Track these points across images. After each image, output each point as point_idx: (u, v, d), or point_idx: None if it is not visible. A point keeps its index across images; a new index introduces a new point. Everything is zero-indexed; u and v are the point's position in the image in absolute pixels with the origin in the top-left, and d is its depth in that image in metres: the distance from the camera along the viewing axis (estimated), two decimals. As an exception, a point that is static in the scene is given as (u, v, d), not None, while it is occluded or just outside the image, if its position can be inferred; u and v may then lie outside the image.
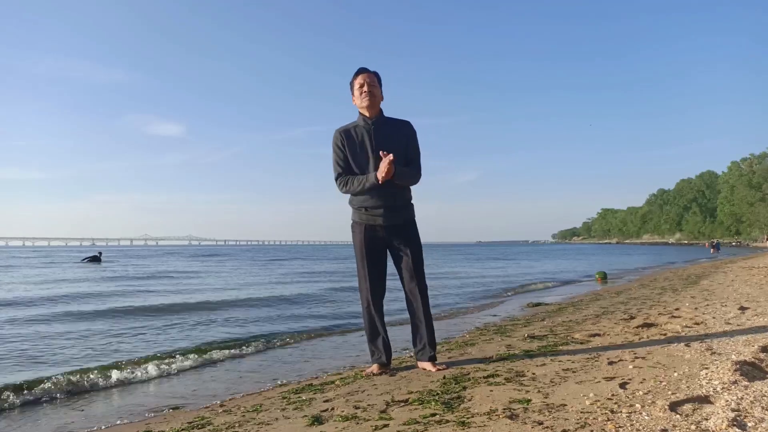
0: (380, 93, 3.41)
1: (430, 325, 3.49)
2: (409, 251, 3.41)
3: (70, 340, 6.18)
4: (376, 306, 3.49)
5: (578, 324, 5.27)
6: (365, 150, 3.35)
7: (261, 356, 5.27)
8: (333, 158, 3.44)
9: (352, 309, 8.50)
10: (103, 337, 6.32)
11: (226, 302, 9.91)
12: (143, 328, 7.03)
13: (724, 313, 5.03)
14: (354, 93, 3.39)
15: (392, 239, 3.42)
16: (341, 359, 4.77)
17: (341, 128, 3.45)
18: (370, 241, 3.42)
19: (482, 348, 4.25)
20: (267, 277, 18.97)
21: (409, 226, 3.47)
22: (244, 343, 5.68)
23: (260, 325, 7.14)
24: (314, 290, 12.61)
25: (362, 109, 3.38)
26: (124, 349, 5.64)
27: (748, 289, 7.38)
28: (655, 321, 4.91)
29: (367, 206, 3.38)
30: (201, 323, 7.37)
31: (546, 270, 20.89)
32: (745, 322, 4.33)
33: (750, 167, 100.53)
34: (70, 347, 5.75)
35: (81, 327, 7.11)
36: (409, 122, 3.49)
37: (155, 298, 11.03)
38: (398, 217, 3.41)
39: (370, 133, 3.35)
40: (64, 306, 9.66)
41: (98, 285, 15.15)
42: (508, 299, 10.09)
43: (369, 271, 3.44)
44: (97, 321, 7.72)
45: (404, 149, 3.37)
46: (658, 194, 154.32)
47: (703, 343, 3.53)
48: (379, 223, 3.39)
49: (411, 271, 3.42)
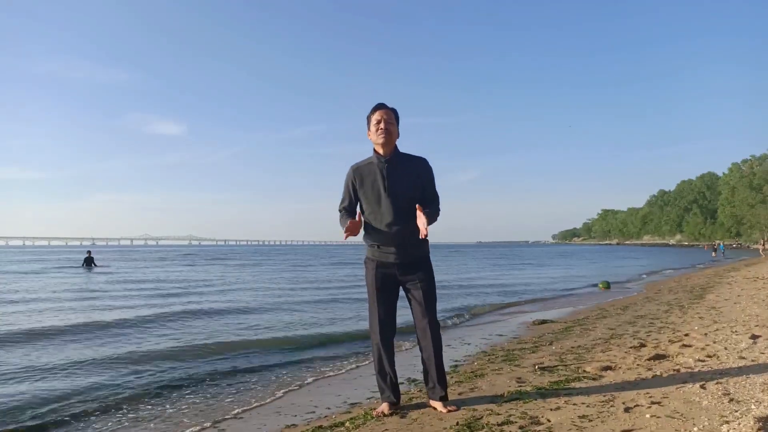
0: (396, 130, 3.38)
1: (440, 364, 3.44)
2: (421, 288, 3.38)
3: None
4: (384, 343, 3.45)
5: (588, 351, 5.21)
6: (377, 189, 3.34)
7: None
8: (342, 192, 3.51)
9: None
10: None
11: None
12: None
13: (735, 342, 4.97)
14: (370, 128, 3.38)
15: (405, 276, 3.39)
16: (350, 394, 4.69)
17: (355, 165, 3.46)
18: (382, 277, 3.41)
19: (492, 381, 4.19)
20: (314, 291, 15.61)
21: (421, 263, 3.43)
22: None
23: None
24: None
25: (377, 145, 3.37)
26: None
27: (756, 309, 7.32)
28: (666, 351, 4.85)
29: (379, 243, 3.38)
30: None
31: (551, 276, 20.83)
32: (759, 357, 4.27)
33: (751, 169, 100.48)
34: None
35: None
36: (425, 159, 3.46)
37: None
38: (411, 255, 3.38)
39: (383, 172, 3.33)
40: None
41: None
42: (513, 313, 10.02)
43: (379, 308, 3.43)
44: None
45: (417, 187, 3.34)
46: (658, 195, 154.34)
47: (719, 385, 3.47)
48: (391, 261, 3.37)
49: (422, 308, 3.38)
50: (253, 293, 14.63)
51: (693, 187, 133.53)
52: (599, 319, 7.91)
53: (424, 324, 3.39)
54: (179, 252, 76.82)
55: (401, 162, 3.38)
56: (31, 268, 29.85)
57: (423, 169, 3.40)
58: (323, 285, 17.71)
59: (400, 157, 3.40)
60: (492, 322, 8.74)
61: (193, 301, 12.44)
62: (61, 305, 11.54)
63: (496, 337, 7.02)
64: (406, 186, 3.30)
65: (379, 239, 3.38)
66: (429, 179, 3.40)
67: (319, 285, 17.79)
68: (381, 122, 3.31)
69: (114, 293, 14.66)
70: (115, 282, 18.96)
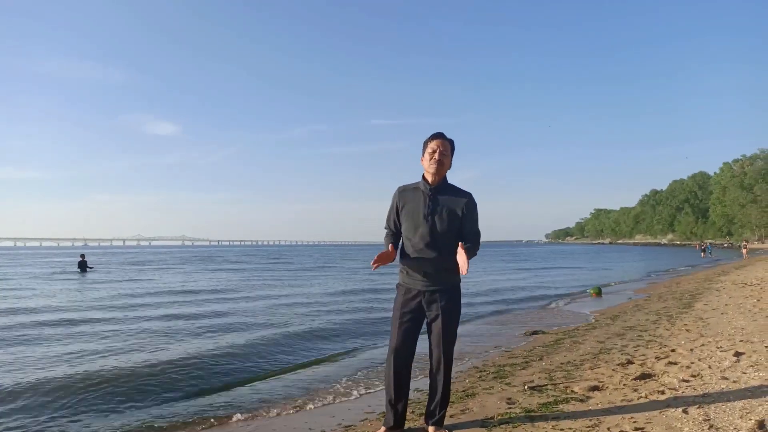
0: (449, 162, 3.47)
1: (446, 394, 3.49)
2: (441, 320, 3.39)
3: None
4: (396, 370, 3.44)
5: (577, 368, 5.34)
6: (417, 215, 3.42)
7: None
8: (388, 210, 3.62)
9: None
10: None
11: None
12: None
13: (719, 360, 5.11)
14: (425, 155, 3.45)
15: (430, 305, 3.41)
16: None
17: (402, 187, 3.58)
18: (407, 303, 3.45)
19: (483, 402, 4.30)
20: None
21: (447, 293, 3.42)
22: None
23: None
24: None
25: (427, 173, 3.45)
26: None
27: (742, 321, 7.48)
28: (652, 369, 4.98)
29: (409, 269, 3.46)
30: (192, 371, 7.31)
31: (543, 283, 20.98)
32: (740, 377, 4.41)
33: (742, 168, 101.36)
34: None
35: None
36: (470, 195, 3.50)
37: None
38: (438, 283, 3.40)
39: (426, 200, 3.42)
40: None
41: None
42: (504, 323, 10.15)
43: (398, 336, 3.44)
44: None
45: (456, 220, 3.39)
46: (650, 195, 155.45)
47: (701, 409, 3.60)
48: (418, 288, 3.42)
49: (438, 339, 3.40)
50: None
51: (685, 186, 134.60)
52: (589, 331, 8.06)
53: (438, 354, 3.42)
54: (194, 254, 76.21)
55: (446, 193, 3.44)
56: (31, 272, 29.76)
57: (466, 204, 3.43)
58: (317, 298, 17.72)
59: (447, 188, 3.47)
60: (484, 335, 8.83)
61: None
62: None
63: (492, 349, 7.15)
64: (445, 217, 3.36)
65: (409, 264, 3.45)
66: (471, 215, 3.44)
67: (312, 297, 17.80)
68: (436, 153, 3.39)
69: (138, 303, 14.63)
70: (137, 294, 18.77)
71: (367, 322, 10.15)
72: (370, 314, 11.35)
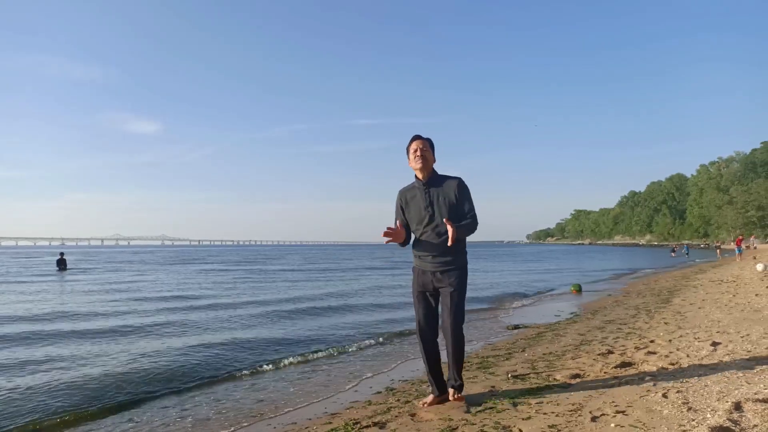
0: (432, 156, 3.92)
1: (458, 359, 3.90)
2: (449, 294, 3.82)
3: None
4: (425, 343, 3.94)
5: (558, 358, 5.42)
6: (419, 208, 3.90)
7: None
8: (394, 213, 4.08)
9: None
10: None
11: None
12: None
13: (697, 349, 5.22)
14: (409, 157, 3.92)
15: (439, 283, 3.86)
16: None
17: (402, 189, 4.04)
18: (421, 283, 3.94)
19: (467, 390, 4.34)
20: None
21: (454, 272, 3.84)
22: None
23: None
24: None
25: (416, 171, 3.92)
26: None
27: (718, 314, 7.64)
28: (632, 358, 5.08)
29: (420, 254, 3.93)
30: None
31: (524, 280, 21.16)
32: (717, 365, 4.51)
33: (718, 171, 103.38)
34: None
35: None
36: (460, 179, 3.92)
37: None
38: (445, 264, 3.84)
39: (423, 194, 3.89)
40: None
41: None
42: (486, 318, 10.23)
43: (418, 312, 3.97)
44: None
45: (452, 203, 3.82)
46: (629, 196, 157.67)
47: (680, 393, 3.68)
48: (428, 269, 3.88)
49: (447, 311, 3.83)
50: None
51: (662, 188, 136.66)
52: (570, 325, 8.17)
53: (447, 325, 3.84)
54: (185, 253, 75.49)
55: (438, 183, 3.89)
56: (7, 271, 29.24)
57: (458, 187, 3.86)
58: (306, 296, 17.69)
59: (438, 179, 3.92)
60: (467, 329, 8.88)
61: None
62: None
63: (474, 343, 7.20)
64: (443, 204, 3.82)
65: (420, 250, 3.92)
66: (464, 195, 3.87)
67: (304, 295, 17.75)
68: (417, 151, 3.86)
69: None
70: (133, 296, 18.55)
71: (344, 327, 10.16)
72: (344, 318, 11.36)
